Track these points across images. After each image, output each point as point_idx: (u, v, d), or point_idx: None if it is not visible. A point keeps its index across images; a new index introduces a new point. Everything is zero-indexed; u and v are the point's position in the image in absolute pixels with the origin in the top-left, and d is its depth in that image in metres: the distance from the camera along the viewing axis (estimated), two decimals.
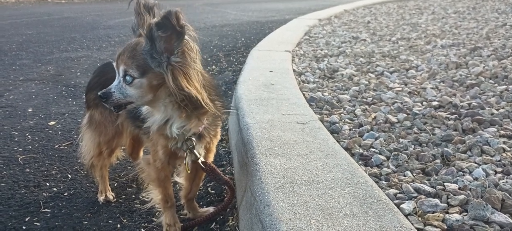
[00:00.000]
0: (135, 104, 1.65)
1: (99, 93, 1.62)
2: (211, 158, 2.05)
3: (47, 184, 2.43)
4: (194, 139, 1.77)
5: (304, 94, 3.20)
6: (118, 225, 2.05)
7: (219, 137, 2.01)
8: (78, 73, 4.99)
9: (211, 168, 1.94)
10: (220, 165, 2.62)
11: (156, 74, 1.56)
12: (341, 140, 2.43)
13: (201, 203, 2.24)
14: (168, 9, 1.46)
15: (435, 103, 2.96)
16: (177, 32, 1.48)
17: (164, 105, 1.65)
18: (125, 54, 1.58)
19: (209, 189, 2.38)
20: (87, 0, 15.70)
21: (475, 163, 2.10)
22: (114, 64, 1.63)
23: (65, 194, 2.33)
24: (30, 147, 2.93)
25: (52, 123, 3.39)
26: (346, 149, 2.29)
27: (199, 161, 1.85)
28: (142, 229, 2.01)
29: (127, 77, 1.57)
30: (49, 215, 2.13)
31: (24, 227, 2.02)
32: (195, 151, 1.80)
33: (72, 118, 3.49)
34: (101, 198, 2.26)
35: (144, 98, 1.62)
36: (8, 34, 7.70)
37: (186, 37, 1.52)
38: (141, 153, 2.51)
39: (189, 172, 1.90)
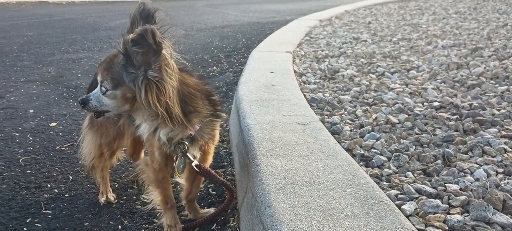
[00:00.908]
0: (112, 113, 1.71)
1: (79, 99, 1.71)
2: (209, 161, 2.05)
3: (48, 185, 2.43)
4: (186, 142, 1.77)
5: (305, 95, 3.20)
6: (119, 226, 2.05)
7: (216, 140, 2.00)
8: (79, 75, 4.99)
9: (206, 170, 1.93)
10: (221, 166, 2.62)
11: (130, 88, 1.59)
12: (342, 140, 2.43)
13: (202, 204, 2.24)
14: (144, 27, 1.47)
15: (436, 104, 2.96)
16: (154, 49, 1.49)
17: (148, 115, 1.67)
18: (102, 65, 1.64)
19: (210, 190, 2.38)
20: (88, 1, 15.72)
21: (476, 163, 2.09)
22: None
23: (66, 195, 2.33)
24: (31, 148, 2.93)
25: (53, 124, 3.39)
26: (347, 149, 2.29)
27: (193, 164, 1.85)
28: (143, 230, 2.01)
29: (102, 88, 1.63)
30: (50, 216, 2.13)
31: (25, 229, 2.02)
32: (188, 154, 1.80)
33: (73, 119, 3.49)
34: (102, 199, 2.26)
35: (120, 109, 1.66)
36: (9, 36, 7.72)
37: (163, 52, 1.52)
38: (142, 154, 2.51)
39: (180, 175, 1.91)
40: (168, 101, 1.58)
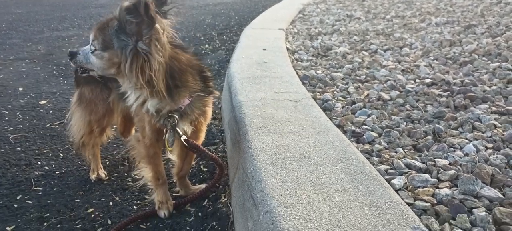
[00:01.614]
0: (97, 73, 1.72)
1: (69, 50, 1.74)
2: (201, 138, 2.04)
3: (39, 163, 2.41)
4: (176, 116, 1.76)
5: (297, 73, 3.19)
6: (111, 203, 2.05)
7: (209, 117, 1.99)
8: (68, 50, 4.92)
9: (194, 145, 1.91)
10: (212, 143, 2.61)
11: (117, 53, 1.60)
12: (334, 117, 2.43)
13: (194, 180, 2.24)
14: None
15: (428, 80, 2.96)
16: (146, 21, 1.49)
17: (130, 84, 1.67)
18: (98, 26, 1.66)
19: (201, 166, 2.38)
20: None
21: (466, 139, 2.10)
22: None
23: (57, 172, 2.32)
24: (21, 126, 2.90)
25: (43, 102, 3.36)
26: (338, 126, 2.29)
27: (182, 138, 1.84)
28: (134, 207, 2.02)
29: (91, 46, 1.66)
30: (40, 193, 2.12)
31: (15, 205, 2.01)
32: (177, 128, 1.79)
33: (63, 97, 3.45)
34: (93, 176, 2.25)
35: (105, 71, 1.68)
36: None
37: (156, 26, 1.52)
38: (133, 131, 2.50)
39: (170, 149, 1.90)
40: (152, 75, 1.57)
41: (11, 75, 4.04)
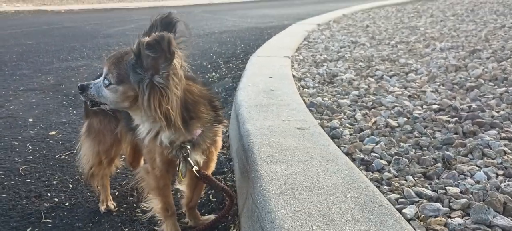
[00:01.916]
0: (108, 107, 1.72)
1: (79, 83, 1.71)
2: (212, 168, 2.04)
3: (48, 194, 2.42)
4: (188, 146, 1.77)
5: (304, 100, 3.21)
6: None
7: (219, 146, 2.00)
8: (78, 83, 4.98)
9: (205, 176, 1.92)
10: (221, 172, 2.61)
11: (133, 87, 1.61)
12: (342, 145, 2.43)
13: (203, 210, 2.24)
14: (162, 34, 1.49)
15: (435, 106, 2.96)
16: (166, 56, 1.51)
17: (144, 117, 1.68)
18: (111, 59, 1.65)
19: (210, 196, 2.37)
20: (87, 9, 15.76)
21: (477, 166, 2.09)
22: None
23: (66, 204, 2.33)
24: (31, 157, 2.93)
25: (53, 132, 3.39)
26: (347, 154, 2.29)
27: (194, 169, 1.84)
28: None
29: (105, 80, 1.65)
30: (50, 225, 2.12)
31: None
32: (189, 159, 1.80)
33: (72, 128, 3.49)
34: (102, 208, 2.26)
35: (119, 104, 1.67)
36: (8, 44, 7.72)
37: (174, 61, 1.54)
38: (142, 162, 2.51)
39: (183, 179, 1.90)
40: (169, 108, 1.58)
41: (21, 106, 4.10)
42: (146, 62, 1.55)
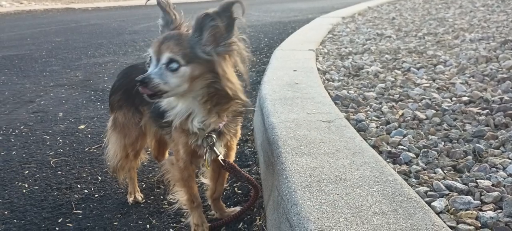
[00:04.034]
0: (169, 94, 1.61)
1: (137, 78, 1.54)
2: (232, 157, 2.06)
3: (78, 186, 2.49)
4: (214, 135, 1.78)
5: (329, 93, 3.17)
6: (148, 226, 2.08)
7: (239, 135, 2.01)
8: (106, 78, 5.09)
9: (230, 165, 1.95)
10: (246, 165, 2.62)
11: (200, 65, 1.58)
12: (368, 137, 2.40)
13: (228, 203, 2.25)
14: (225, 1, 1.52)
15: (465, 98, 2.88)
16: (228, 24, 1.56)
17: (192, 97, 1.66)
18: (170, 42, 1.57)
19: (235, 189, 2.38)
20: (113, 7, 16.04)
21: (509, 158, 2.03)
22: (151, 51, 1.60)
23: (96, 195, 2.38)
24: (62, 150, 3.01)
25: (82, 126, 3.47)
26: (374, 146, 2.26)
27: (220, 158, 1.86)
28: (171, 230, 2.04)
29: (173, 64, 1.55)
30: (80, 216, 2.18)
31: (57, 228, 2.07)
32: (214, 148, 1.81)
33: (100, 122, 3.56)
34: (130, 199, 2.30)
35: (180, 88, 1.59)
36: (38, 42, 7.95)
37: (233, 34, 1.59)
38: (167, 155, 2.54)
39: (208, 168, 1.92)
40: (244, 70, 1.69)
41: (51, 101, 4.21)
42: (206, 36, 1.58)
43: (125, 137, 2.20)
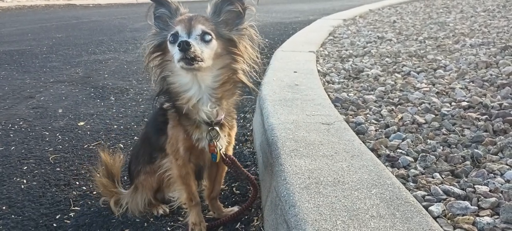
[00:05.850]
0: (204, 64, 1.63)
1: (182, 39, 1.59)
2: (230, 150, 2.07)
3: (77, 183, 2.49)
4: (217, 128, 1.82)
5: (329, 95, 3.18)
6: (145, 224, 2.08)
7: (236, 129, 2.05)
8: (106, 75, 5.10)
9: (231, 159, 1.98)
10: (245, 166, 2.62)
11: (223, 43, 1.72)
12: (367, 140, 2.40)
13: (226, 203, 2.25)
14: None
15: (464, 103, 2.89)
16: (240, 9, 1.73)
17: (208, 80, 1.73)
18: (200, 18, 1.70)
19: (233, 189, 2.39)
20: (114, 4, 16.04)
21: (507, 164, 2.03)
22: (180, 27, 1.67)
23: (94, 192, 2.38)
24: (61, 146, 3.01)
25: (81, 123, 3.48)
26: (372, 150, 2.26)
27: (221, 152, 1.89)
28: (168, 228, 2.04)
29: (206, 36, 1.65)
30: (79, 212, 2.18)
31: (55, 224, 2.08)
32: (218, 142, 1.85)
33: (100, 119, 3.57)
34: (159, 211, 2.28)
35: (208, 61, 1.67)
36: (38, 37, 7.95)
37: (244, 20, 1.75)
38: None
39: (218, 160, 1.92)
40: (255, 54, 1.83)
41: (51, 97, 4.21)
42: (223, 19, 1.73)
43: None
